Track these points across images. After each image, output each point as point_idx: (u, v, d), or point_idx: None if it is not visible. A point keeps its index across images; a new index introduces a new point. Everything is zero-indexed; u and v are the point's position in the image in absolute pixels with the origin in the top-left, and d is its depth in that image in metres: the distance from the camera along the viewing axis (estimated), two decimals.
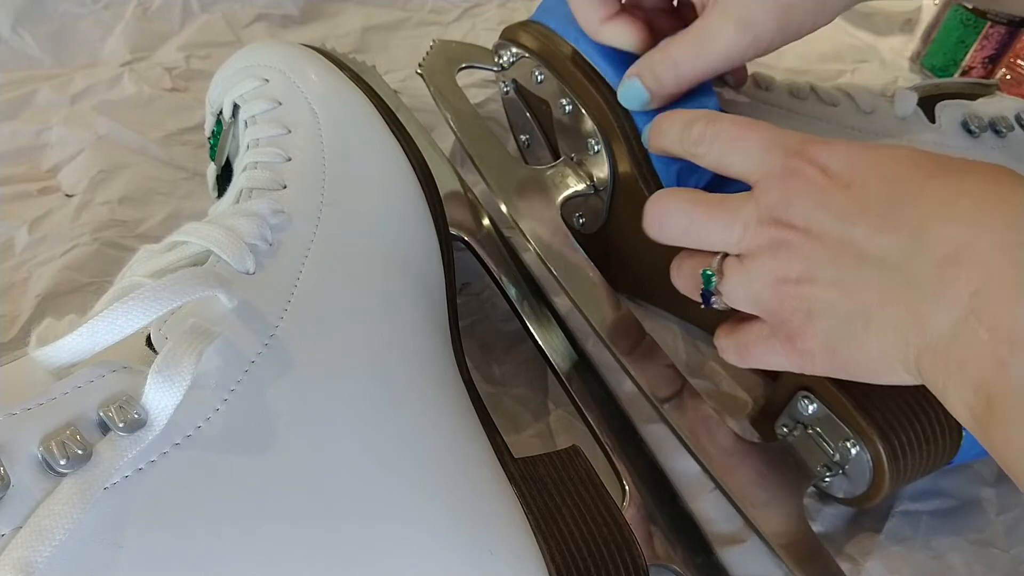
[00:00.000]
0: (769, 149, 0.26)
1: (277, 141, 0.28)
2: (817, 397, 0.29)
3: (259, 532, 0.18)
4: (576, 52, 0.34)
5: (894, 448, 0.27)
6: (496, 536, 0.21)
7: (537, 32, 0.35)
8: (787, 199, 0.25)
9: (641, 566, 0.24)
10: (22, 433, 0.17)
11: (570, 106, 0.34)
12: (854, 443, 0.28)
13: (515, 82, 0.38)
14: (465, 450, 0.23)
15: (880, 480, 0.27)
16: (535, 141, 0.40)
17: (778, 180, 0.25)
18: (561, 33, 0.34)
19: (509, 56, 0.37)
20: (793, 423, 0.30)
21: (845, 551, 0.29)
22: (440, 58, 0.39)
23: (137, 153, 0.40)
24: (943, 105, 0.35)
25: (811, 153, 0.25)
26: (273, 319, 0.22)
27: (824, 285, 0.24)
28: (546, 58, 0.35)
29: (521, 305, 0.33)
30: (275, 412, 0.20)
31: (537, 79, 0.35)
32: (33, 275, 0.34)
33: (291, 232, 0.25)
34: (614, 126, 0.33)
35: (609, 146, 0.33)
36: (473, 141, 0.36)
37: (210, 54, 0.47)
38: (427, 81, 0.38)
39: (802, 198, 0.24)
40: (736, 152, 0.27)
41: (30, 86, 0.43)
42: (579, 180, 0.35)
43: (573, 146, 0.35)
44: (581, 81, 0.33)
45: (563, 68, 0.34)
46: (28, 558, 0.15)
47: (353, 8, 0.52)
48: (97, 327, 0.18)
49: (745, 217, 0.26)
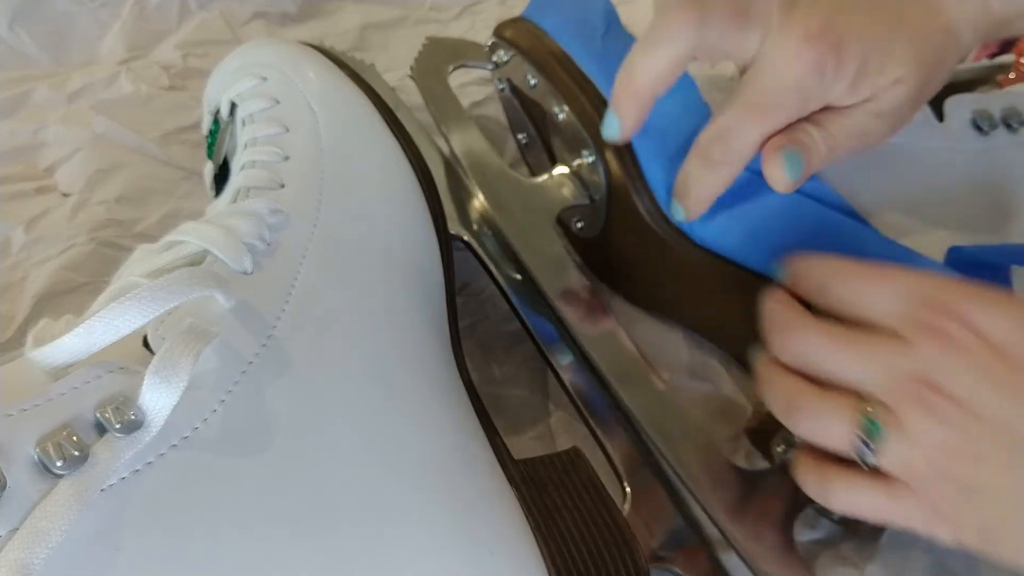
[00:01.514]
0: (910, 298, 0.23)
1: (275, 140, 0.28)
2: None
3: (257, 533, 0.18)
4: (566, 56, 0.33)
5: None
6: (496, 537, 0.21)
7: (528, 31, 0.35)
8: (943, 364, 0.22)
9: (641, 567, 0.23)
10: (18, 434, 0.16)
11: (563, 114, 0.34)
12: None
13: (510, 81, 0.37)
14: (465, 451, 0.23)
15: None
16: (532, 141, 0.39)
17: (930, 338, 0.23)
18: (552, 33, 0.34)
19: (502, 54, 0.36)
20: (788, 445, 0.30)
21: (845, 556, 0.29)
22: (432, 58, 0.38)
23: (134, 152, 0.40)
24: (952, 101, 0.34)
25: (964, 313, 0.22)
26: (271, 319, 0.22)
27: (994, 465, 0.22)
28: (537, 60, 0.34)
29: (521, 305, 0.33)
30: (273, 413, 0.20)
31: (530, 83, 0.35)
32: (30, 275, 0.34)
33: (289, 232, 0.25)
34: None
35: (603, 158, 0.33)
36: (466, 150, 0.35)
37: (208, 52, 0.47)
38: (418, 84, 0.37)
39: (961, 367, 0.22)
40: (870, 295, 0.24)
41: (27, 85, 0.43)
42: (574, 191, 0.34)
43: (568, 152, 0.35)
44: (572, 90, 0.33)
45: (553, 73, 0.33)
46: (24, 560, 0.15)
47: (352, 6, 0.52)
48: (94, 327, 0.18)
49: (890, 362, 0.23)
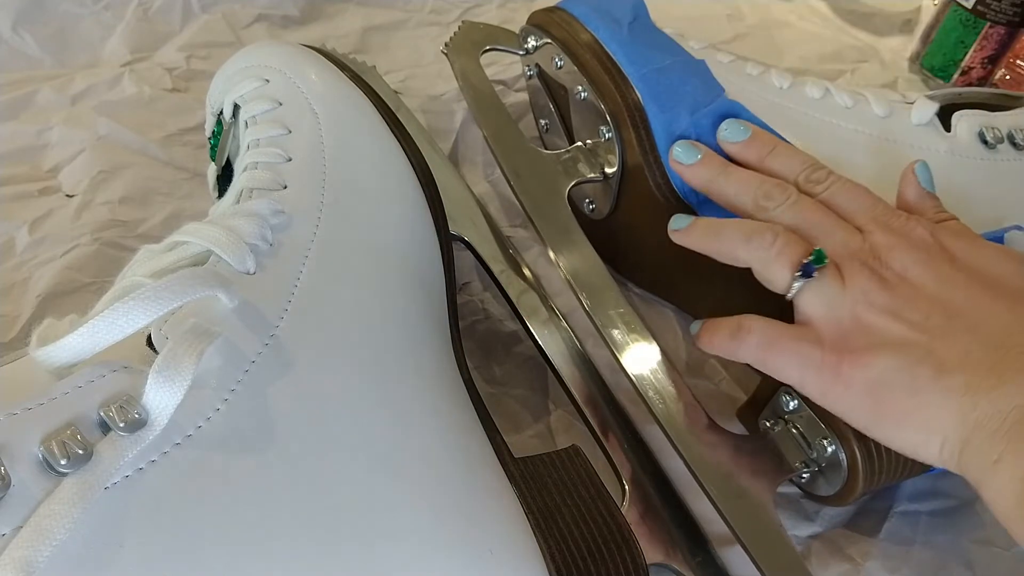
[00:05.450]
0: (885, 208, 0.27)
1: (277, 141, 0.28)
2: (798, 394, 0.29)
3: (259, 532, 0.18)
4: (596, 41, 0.35)
5: (869, 449, 0.27)
6: (496, 536, 0.21)
7: (561, 19, 0.36)
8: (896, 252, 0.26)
9: (641, 565, 0.24)
10: (23, 433, 0.17)
11: (585, 92, 0.35)
12: (831, 441, 0.28)
13: (538, 66, 0.39)
14: (465, 449, 0.23)
15: (854, 480, 0.27)
16: (553, 127, 0.41)
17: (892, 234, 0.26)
18: (584, 21, 0.35)
19: (534, 41, 0.38)
20: (775, 418, 0.30)
21: (844, 552, 0.29)
22: (466, 39, 0.39)
23: (138, 153, 0.40)
24: (961, 114, 0.35)
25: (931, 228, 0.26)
26: (273, 319, 0.22)
27: (907, 325, 0.24)
28: (567, 45, 0.36)
29: (521, 305, 0.33)
30: (275, 412, 0.20)
31: (557, 64, 0.36)
32: (34, 275, 0.34)
33: (291, 232, 0.25)
34: (625, 115, 0.33)
35: (619, 134, 0.34)
36: (490, 122, 0.37)
37: (210, 54, 0.47)
38: (451, 60, 0.38)
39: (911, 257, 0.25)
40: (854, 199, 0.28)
41: (31, 86, 0.43)
42: (590, 166, 0.36)
43: (587, 131, 0.36)
44: (597, 69, 0.34)
45: (581, 56, 0.35)
46: (28, 558, 0.15)
47: (353, 8, 0.52)
48: (97, 327, 0.18)
49: (848, 239, 0.27)
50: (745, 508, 0.27)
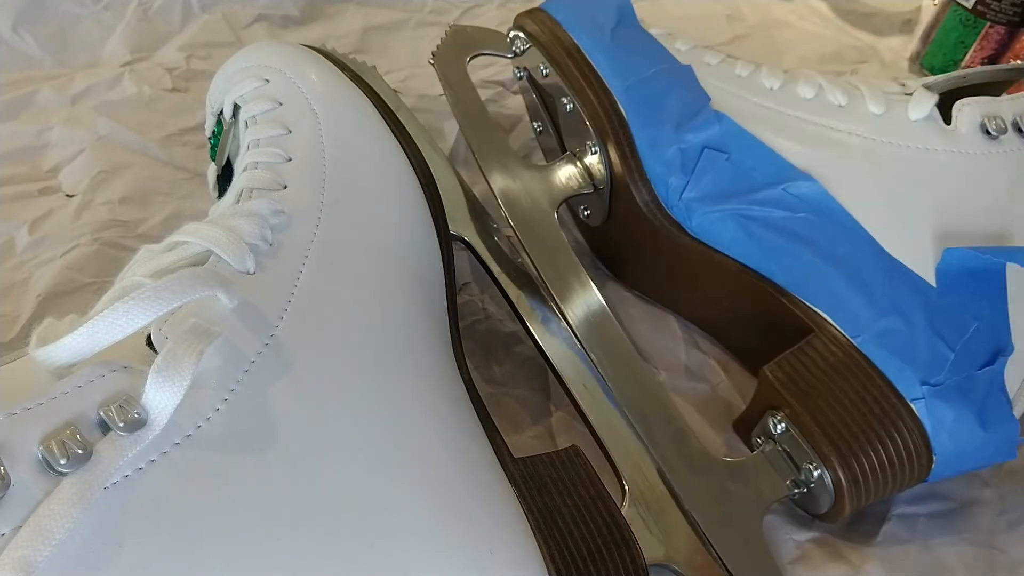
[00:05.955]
0: None
1: (277, 141, 0.28)
2: (785, 417, 0.29)
3: (258, 532, 0.18)
4: (577, 48, 0.34)
5: (855, 474, 0.27)
6: (496, 536, 0.21)
7: (543, 22, 0.35)
8: None
9: (641, 565, 0.24)
10: (22, 433, 0.17)
11: (571, 105, 0.34)
12: (816, 466, 0.28)
13: (527, 70, 0.38)
14: (465, 450, 0.23)
15: (841, 503, 0.27)
16: (547, 129, 0.40)
17: None
18: (566, 27, 0.34)
19: (520, 43, 0.37)
20: (765, 437, 0.30)
21: (842, 555, 0.29)
22: (452, 46, 0.38)
23: (138, 153, 0.40)
24: (961, 104, 0.33)
25: None
26: (273, 319, 0.22)
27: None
28: (549, 51, 0.35)
29: (521, 305, 0.33)
30: (275, 412, 0.20)
31: (543, 72, 0.36)
32: (34, 275, 0.34)
33: (291, 232, 0.25)
34: (609, 132, 0.33)
35: (605, 148, 0.33)
36: (476, 135, 0.36)
37: (210, 55, 0.47)
38: (437, 70, 0.38)
39: None
40: None
41: (30, 86, 0.43)
42: (580, 180, 0.35)
43: (575, 141, 0.36)
44: (580, 84, 0.34)
45: (565, 66, 0.34)
46: (28, 557, 0.15)
47: (353, 8, 0.52)
48: (97, 327, 0.18)
49: None
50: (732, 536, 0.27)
